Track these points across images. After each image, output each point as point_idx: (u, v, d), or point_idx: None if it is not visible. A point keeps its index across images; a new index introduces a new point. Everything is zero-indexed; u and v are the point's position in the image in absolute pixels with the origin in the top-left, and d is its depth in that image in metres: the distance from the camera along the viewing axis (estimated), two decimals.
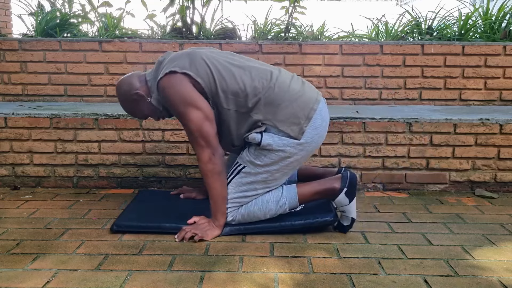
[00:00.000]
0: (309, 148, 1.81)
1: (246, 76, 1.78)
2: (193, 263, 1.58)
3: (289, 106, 1.76)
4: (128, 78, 1.88)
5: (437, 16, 3.37)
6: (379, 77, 2.97)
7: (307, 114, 1.78)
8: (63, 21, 3.29)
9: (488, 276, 1.49)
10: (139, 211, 2.01)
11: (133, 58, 2.95)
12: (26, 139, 2.46)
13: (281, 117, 1.76)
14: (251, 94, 1.75)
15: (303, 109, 1.78)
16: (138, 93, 1.84)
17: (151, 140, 2.45)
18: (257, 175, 1.80)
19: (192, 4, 3.20)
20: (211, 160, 1.74)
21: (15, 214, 2.06)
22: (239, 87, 1.75)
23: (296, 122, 1.76)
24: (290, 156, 1.78)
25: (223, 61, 1.80)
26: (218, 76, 1.75)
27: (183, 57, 1.78)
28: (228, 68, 1.78)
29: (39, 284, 1.42)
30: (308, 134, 1.78)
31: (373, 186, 2.46)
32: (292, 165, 1.82)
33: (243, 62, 1.84)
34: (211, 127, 1.74)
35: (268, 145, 1.75)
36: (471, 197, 2.36)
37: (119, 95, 1.90)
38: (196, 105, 1.72)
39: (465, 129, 2.40)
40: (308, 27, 3.42)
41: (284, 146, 1.76)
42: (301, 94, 1.80)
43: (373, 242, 1.77)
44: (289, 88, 1.79)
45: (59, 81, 2.99)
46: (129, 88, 1.85)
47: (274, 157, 1.77)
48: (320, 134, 1.83)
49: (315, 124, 1.80)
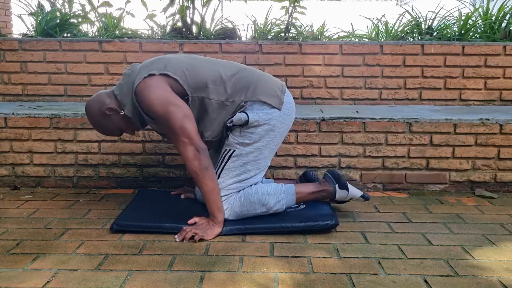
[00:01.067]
0: (287, 121, 1.94)
1: (218, 66, 1.90)
2: (193, 263, 1.58)
3: (265, 82, 1.91)
4: (96, 97, 1.91)
5: (437, 16, 3.37)
6: (379, 77, 2.97)
7: (280, 88, 1.93)
8: (63, 21, 3.29)
9: (488, 276, 1.49)
10: (139, 211, 2.01)
11: (133, 58, 2.95)
12: (26, 139, 2.46)
13: (261, 91, 1.88)
14: (227, 80, 1.86)
15: (275, 85, 1.92)
16: (111, 108, 1.86)
17: (151, 140, 2.45)
18: (248, 155, 1.88)
19: (192, 4, 3.20)
20: (196, 156, 1.76)
21: (15, 214, 2.06)
22: (215, 75, 1.85)
23: (274, 94, 1.89)
24: (274, 129, 1.89)
25: (193, 58, 1.91)
26: (192, 71, 1.83)
27: (158, 61, 1.85)
28: (200, 62, 1.89)
29: (39, 284, 1.42)
30: (285, 106, 1.92)
31: (373, 186, 2.46)
32: (276, 140, 1.93)
33: (211, 59, 1.97)
34: (192, 124, 1.78)
35: (255, 121, 1.85)
36: (471, 197, 2.36)
37: (92, 116, 1.91)
38: (175, 104, 1.77)
39: (465, 129, 2.40)
40: (308, 27, 3.42)
41: (268, 119, 1.87)
42: (269, 76, 1.97)
43: (373, 242, 1.77)
44: (257, 71, 1.96)
45: (59, 81, 2.99)
46: (100, 105, 1.88)
47: (260, 131, 1.87)
48: (293, 109, 1.98)
49: (288, 99, 1.95)
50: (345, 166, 2.44)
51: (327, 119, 2.41)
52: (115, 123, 1.90)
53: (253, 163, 1.89)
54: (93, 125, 1.95)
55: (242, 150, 1.87)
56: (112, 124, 1.91)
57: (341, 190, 1.97)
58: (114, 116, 1.89)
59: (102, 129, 1.95)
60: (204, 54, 2.95)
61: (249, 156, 1.88)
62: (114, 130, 1.94)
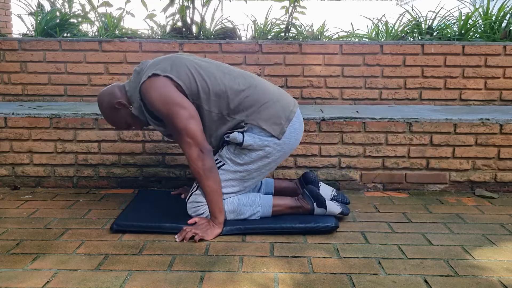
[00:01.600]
0: (286, 149, 1.89)
1: (226, 78, 1.84)
2: (193, 263, 1.58)
3: (272, 106, 1.84)
4: (109, 89, 1.91)
5: (437, 16, 3.37)
6: (379, 77, 2.97)
7: (287, 116, 1.86)
8: (63, 21, 3.29)
9: (488, 276, 1.49)
10: (139, 211, 2.01)
11: (133, 58, 2.95)
12: (26, 139, 2.46)
13: (264, 116, 1.82)
14: (233, 95, 1.81)
15: (284, 110, 1.86)
16: (121, 102, 1.87)
17: (151, 140, 2.45)
18: (236, 173, 1.86)
19: (192, 4, 3.20)
20: (200, 157, 1.75)
21: (15, 214, 2.06)
22: (220, 88, 1.81)
23: (277, 122, 1.84)
24: (268, 156, 1.86)
25: (204, 64, 1.86)
26: (199, 78, 1.80)
27: (164, 61, 1.82)
28: (209, 70, 1.83)
29: (39, 284, 1.42)
30: (287, 135, 1.86)
31: (373, 186, 2.46)
32: (269, 166, 1.90)
33: (223, 66, 1.90)
34: (197, 125, 1.77)
35: (249, 145, 1.82)
36: (471, 197, 2.36)
37: (102, 107, 1.91)
38: (181, 105, 1.76)
39: (465, 129, 2.40)
40: (308, 27, 3.42)
41: (264, 146, 1.83)
42: (282, 97, 1.90)
43: (373, 242, 1.77)
44: (269, 90, 1.88)
45: (59, 81, 2.99)
46: (111, 98, 1.88)
47: (254, 156, 1.84)
48: (297, 137, 1.93)
49: (293, 127, 1.89)
50: (345, 166, 2.44)
51: (327, 119, 2.41)
52: (123, 117, 1.90)
53: (239, 181, 1.88)
54: (102, 115, 1.96)
55: (231, 167, 1.86)
56: (120, 118, 1.91)
57: (319, 208, 1.93)
58: (123, 110, 1.89)
59: (111, 121, 1.95)
60: (204, 54, 2.95)
61: (237, 174, 1.86)
62: (121, 124, 1.94)
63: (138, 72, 1.87)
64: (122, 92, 1.89)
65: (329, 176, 2.45)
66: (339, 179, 2.46)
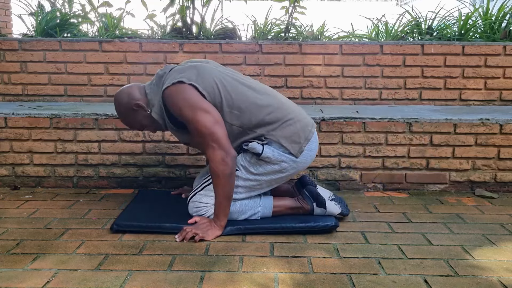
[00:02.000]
0: (300, 167, 1.90)
1: (250, 93, 1.84)
2: (193, 263, 1.58)
3: (293, 125, 1.85)
4: (129, 88, 1.89)
5: (437, 16, 3.37)
6: (379, 77, 2.97)
7: (306, 136, 1.88)
8: (63, 21, 3.29)
9: (488, 276, 1.49)
10: (139, 211, 2.01)
11: (133, 58, 2.96)
12: (26, 139, 2.46)
13: (285, 133, 1.83)
14: (256, 111, 1.81)
15: (304, 130, 1.87)
16: (139, 104, 1.85)
17: (151, 140, 2.45)
18: (246, 181, 1.86)
19: (192, 4, 3.20)
20: (224, 160, 1.73)
21: (15, 214, 2.06)
22: (244, 103, 1.80)
23: (297, 141, 1.85)
24: (283, 171, 1.86)
25: (229, 76, 1.85)
26: (224, 91, 1.79)
27: (190, 69, 1.80)
28: (233, 84, 1.83)
29: (39, 284, 1.42)
30: (304, 154, 1.87)
31: (373, 186, 2.46)
32: (280, 180, 1.91)
33: (247, 80, 1.89)
34: (222, 130, 1.75)
35: (267, 158, 1.82)
36: (471, 197, 2.36)
37: (119, 106, 1.90)
38: (206, 110, 1.74)
39: (465, 129, 2.40)
40: (308, 27, 3.42)
41: (281, 162, 1.84)
42: (302, 116, 1.91)
43: (373, 242, 1.77)
44: (291, 108, 1.90)
45: (59, 81, 2.99)
46: (129, 98, 1.86)
47: (268, 169, 1.85)
48: (312, 157, 1.94)
49: (311, 146, 1.90)
50: (345, 166, 2.44)
51: (327, 119, 2.41)
52: (139, 119, 1.89)
53: (247, 189, 1.88)
54: (117, 114, 1.93)
55: (243, 175, 1.85)
56: (136, 119, 1.89)
57: (318, 208, 1.94)
58: (140, 112, 1.87)
59: (126, 121, 1.93)
60: (204, 54, 2.95)
61: (247, 182, 1.86)
62: (136, 125, 1.92)
63: (160, 76, 1.85)
64: (142, 93, 1.87)
65: (329, 176, 2.45)
66: (339, 179, 2.46)
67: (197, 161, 2.47)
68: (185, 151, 2.46)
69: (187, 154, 2.46)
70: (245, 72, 2.95)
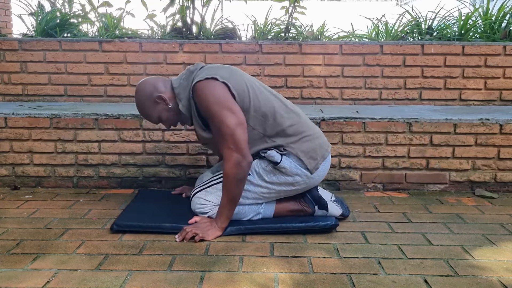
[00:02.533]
0: (311, 183, 1.91)
1: (277, 102, 1.86)
2: (193, 263, 1.58)
3: (312, 141, 1.87)
4: (153, 79, 1.88)
5: (437, 16, 3.37)
6: (379, 77, 2.97)
7: (323, 154, 1.91)
8: (63, 21, 3.29)
9: (488, 276, 1.49)
10: (139, 211, 2.01)
11: (133, 58, 2.96)
12: (26, 139, 2.46)
13: (304, 148, 1.85)
14: (279, 119, 1.83)
15: (321, 148, 1.90)
16: (161, 97, 1.84)
17: (151, 140, 2.45)
18: (257, 187, 1.86)
19: (192, 4, 3.20)
20: (239, 164, 1.72)
21: (15, 214, 2.06)
22: (270, 110, 1.82)
23: (314, 157, 1.87)
24: (294, 184, 1.87)
25: (258, 83, 1.89)
26: (253, 95, 1.81)
27: (224, 69, 1.82)
28: (262, 90, 1.86)
29: (39, 284, 1.42)
30: (318, 172, 1.89)
31: (373, 186, 2.46)
32: (290, 193, 1.91)
33: (273, 91, 1.93)
34: (243, 133, 1.74)
35: (283, 168, 1.83)
36: (471, 197, 2.36)
37: (140, 95, 1.87)
38: (232, 110, 1.73)
39: (465, 129, 2.40)
40: (308, 27, 3.42)
41: (295, 175, 1.85)
42: (321, 135, 1.95)
43: (373, 242, 1.77)
44: (312, 125, 1.93)
45: (59, 81, 2.99)
46: (153, 90, 1.84)
47: (282, 179, 1.85)
48: (323, 176, 1.95)
49: (325, 165, 1.92)
50: (345, 166, 2.44)
51: (327, 119, 2.41)
52: (159, 112, 1.87)
53: (255, 195, 1.87)
54: (137, 103, 1.90)
55: (255, 180, 1.85)
56: (155, 112, 1.87)
57: (320, 210, 1.94)
58: (162, 106, 1.85)
59: (143, 112, 1.90)
60: (204, 54, 2.95)
61: (257, 188, 1.86)
62: (154, 118, 1.90)
63: (192, 71, 1.84)
64: (167, 87, 1.86)
65: (329, 176, 2.45)
66: (339, 179, 2.46)
67: (197, 161, 2.47)
68: (185, 151, 2.46)
69: (187, 154, 2.46)
70: (245, 72, 2.95)
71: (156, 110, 1.87)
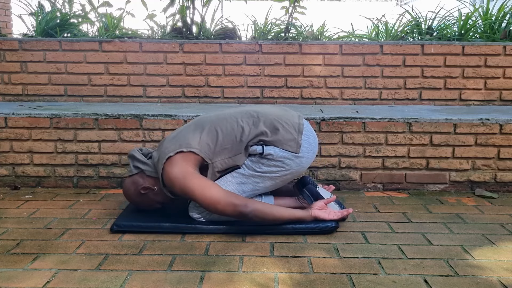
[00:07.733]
0: (304, 162, 1.91)
1: (234, 124, 1.88)
2: (193, 263, 1.58)
3: (280, 129, 1.87)
4: (130, 180, 1.93)
5: (437, 16, 3.37)
6: (379, 77, 2.97)
7: (297, 128, 1.90)
8: (63, 21, 3.29)
9: (488, 276, 1.49)
10: (139, 211, 2.01)
11: (133, 58, 2.96)
12: (26, 139, 2.46)
13: (279, 138, 1.86)
14: (244, 138, 1.85)
15: (292, 125, 1.90)
16: (144, 187, 1.90)
17: (151, 140, 2.45)
18: (249, 178, 1.87)
19: (192, 4, 3.20)
20: (237, 207, 1.73)
21: (15, 214, 2.06)
22: (232, 139, 1.86)
23: (291, 138, 1.87)
24: (286, 168, 1.87)
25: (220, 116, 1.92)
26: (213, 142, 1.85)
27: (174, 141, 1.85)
28: (224, 125, 1.88)
29: (39, 284, 1.42)
30: (304, 149, 1.89)
31: (373, 186, 2.46)
32: (285, 178, 1.91)
33: (236, 109, 1.96)
34: (216, 190, 1.75)
35: (269, 155, 1.84)
36: (471, 197, 2.36)
37: (129, 197, 1.95)
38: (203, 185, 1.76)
39: (465, 129, 2.40)
40: (308, 27, 3.42)
41: (283, 158, 1.85)
42: (283, 113, 1.94)
43: (373, 242, 1.77)
44: (273, 114, 1.92)
45: (59, 81, 2.99)
46: (135, 186, 1.91)
47: (272, 167, 1.86)
48: (313, 150, 1.95)
49: (308, 140, 1.92)
50: (345, 166, 2.44)
51: (327, 119, 2.41)
52: (152, 198, 1.93)
53: (250, 186, 1.88)
54: (133, 204, 1.98)
55: (246, 172, 1.86)
56: (150, 200, 1.94)
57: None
58: (150, 193, 1.92)
59: (143, 206, 1.96)
60: (204, 54, 2.95)
61: (250, 179, 1.87)
62: (154, 204, 1.96)
63: (155, 157, 1.90)
64: (143, 177, 1.91)
65: (329, 176, 2.45)
66: (339, 179, 2.46)
67: None
68: None
69: None
70: (245, 72, 2.96)
71: (150, 198, 1.93)
